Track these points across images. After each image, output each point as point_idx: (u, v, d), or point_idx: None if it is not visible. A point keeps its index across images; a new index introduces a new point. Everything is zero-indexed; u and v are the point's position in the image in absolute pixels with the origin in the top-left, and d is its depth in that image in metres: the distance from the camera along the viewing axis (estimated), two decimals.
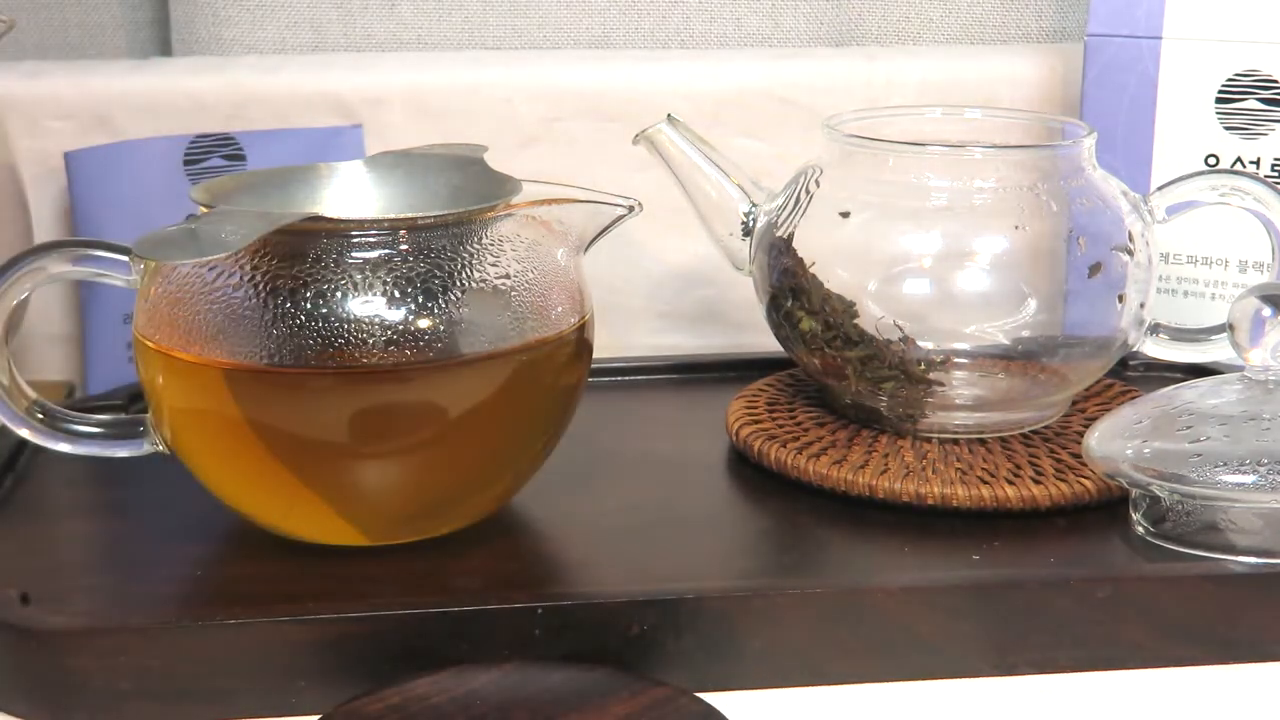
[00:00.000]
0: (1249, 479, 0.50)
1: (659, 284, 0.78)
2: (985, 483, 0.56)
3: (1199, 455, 0.51)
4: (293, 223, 0.49)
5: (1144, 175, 0.70)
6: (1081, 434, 0.59)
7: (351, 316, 0.49)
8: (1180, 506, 0.52)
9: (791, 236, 0.61)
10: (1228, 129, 0.68)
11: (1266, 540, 0.51)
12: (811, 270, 0.60)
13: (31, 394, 0.53)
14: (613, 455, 0.62)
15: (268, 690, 0.47)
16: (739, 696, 0.48)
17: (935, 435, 0.60)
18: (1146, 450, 0.52)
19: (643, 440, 0.64)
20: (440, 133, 0.74)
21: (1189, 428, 0.52)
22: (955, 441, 0.60)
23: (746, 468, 0.61)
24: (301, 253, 0.50)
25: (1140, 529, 0.54)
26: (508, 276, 0.52)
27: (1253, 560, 0.50)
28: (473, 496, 0.54)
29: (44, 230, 0.74)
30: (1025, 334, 0.59)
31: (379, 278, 0.49)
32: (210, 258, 0.48)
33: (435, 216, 0.51)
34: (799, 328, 0.60)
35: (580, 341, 0.54)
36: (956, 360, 0.59)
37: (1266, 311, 0.53)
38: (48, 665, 0.47)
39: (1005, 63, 0.78)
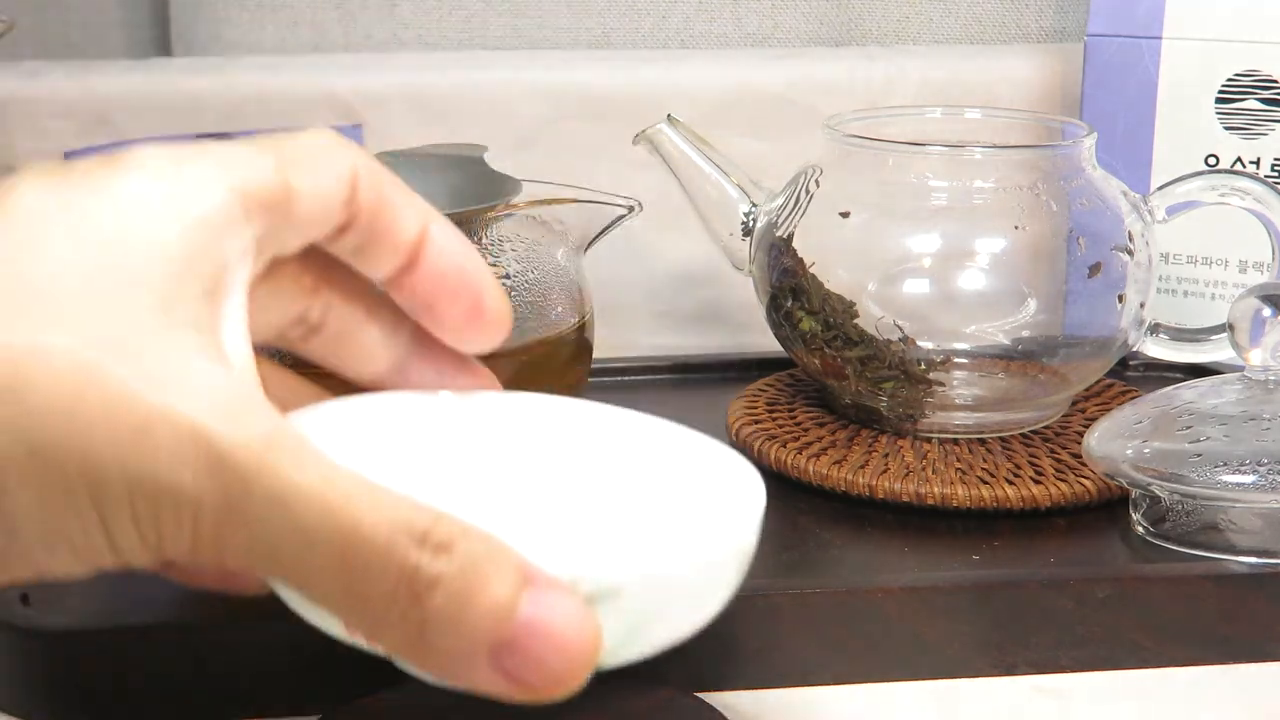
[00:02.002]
0: (1249, 479, 0.50)
1: (659, 284, 0.78)
2: (985, 483, 0.56)
3: (1199, 455, 0.51)
4: None
5: (1144, 175, 0.70)
6: (1081, 434, 0.59)
7: None
8: (1180, 506, 0.52)
9: (791, 236, 0.61)
10: (1228, 129, 0.68)
11: (1266, 540, 0.51)
12: (811, 270, 0.60)
13: None
14: None
15: (268, 690, 0.47)
16: (739, 696, 0.48)
17: (935, 435, 0.60)
18: (1146, 450, 0.52)
19: None
20: (440, 133, 0.74)
21: (1189, 428, 0.52)
22: (955, 441, 0.60)
23: None
24: None
25: (1140, 529, 0.54)
26: (508, 276, 0.52)
27: (1253, 560, 0.50)
28: None
29: None
30: (1025, 334, 0.59)
31: None
32: None
33: None
34: (799, 328, 0.60)
35: (580, 341, 0.54)
36: (956, 360, 0.59)
37: (1266, 311, 0.53)
38: (48, 665, 0.47)
39: (1005, 63, 0.78)
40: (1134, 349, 0.62)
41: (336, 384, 0.37)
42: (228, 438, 0.28)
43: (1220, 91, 0.68)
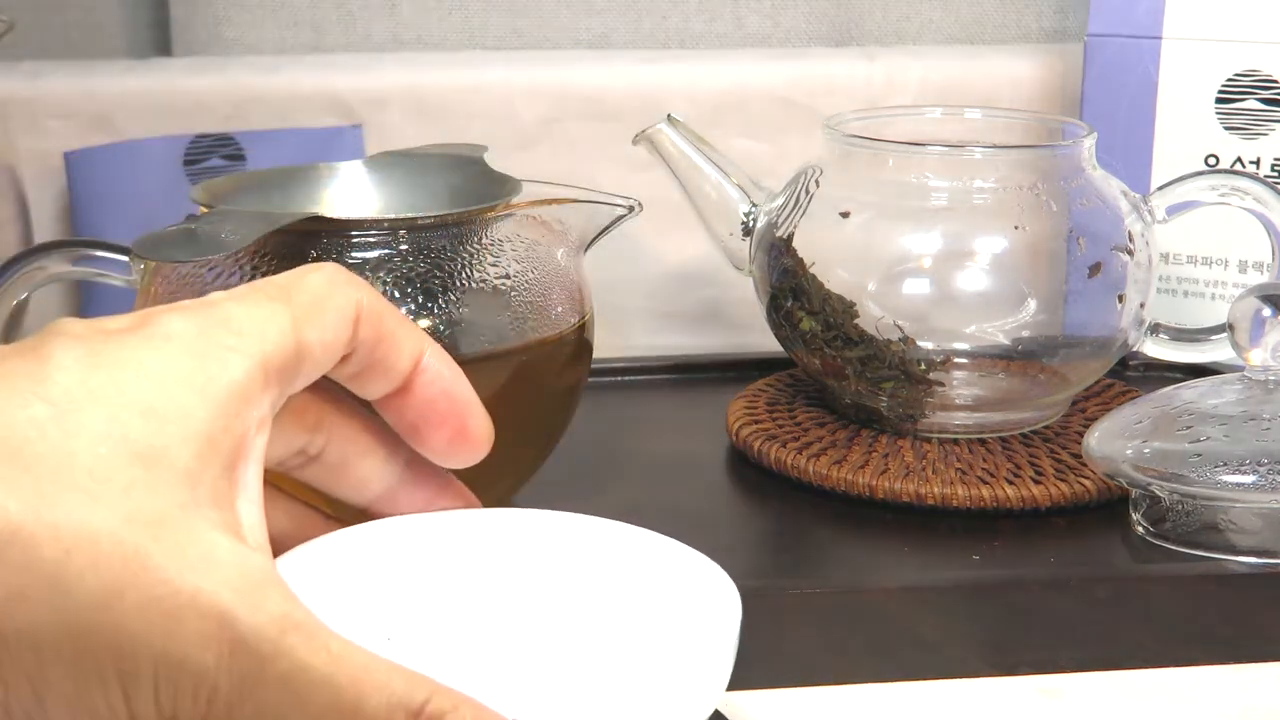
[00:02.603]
0: (1249, 479, 0.50)
1: (659, 284, 0.78)
2: (985, 483, 0.56)
3: (1199, 455, 0.51)
4: (293, 223, 0.49)
5: (1144, 175, 0.70)
6: (1081, 434, 0.59)
7: None
8: (1180, 506, 0.52)
9: (791, 236, 0.61)
10: (1228, 129, 0.68)
11: (1266, 540, 0.51)
12: (811, 270, 0.60)
13: None
14: (613, 455, 0.62)
15: None
16: (739, 696, 0.48)
17: (935, 435, 0.60)
18: (1146, 450, 0.52)
19: (643, 440, 0.64)
20: (440, 133, 0.74)
21: (1189, 428, 0.52)
22: (955, 441, 0.60)
23: (746, 468, 0.61)
24: (301, 253, 0.49)
25: (1140, 529, 0.54)
26: (508, 276, 0.52)
27: (1253, 560, 0.50)
28: None
29: (44, 230, 0.74)
30: (1025, 334, 0.59)
31: (379, 278, 0.49)
32: (210, 257, 0.48)
33: (435, 216, 0.51)
34: (799, 328, 0.60)
35: (580, 341, 0.54)
36: (956, 360, 0.59)
37: (1266, 311, 0.53)
38: None
39: (1005, 63, 0.78)
40: (1134, 349, 0.62)
41: (325, 501, 0.39)
42: (248, 621, 0.30)
43: (1220, 91, 0.68)
